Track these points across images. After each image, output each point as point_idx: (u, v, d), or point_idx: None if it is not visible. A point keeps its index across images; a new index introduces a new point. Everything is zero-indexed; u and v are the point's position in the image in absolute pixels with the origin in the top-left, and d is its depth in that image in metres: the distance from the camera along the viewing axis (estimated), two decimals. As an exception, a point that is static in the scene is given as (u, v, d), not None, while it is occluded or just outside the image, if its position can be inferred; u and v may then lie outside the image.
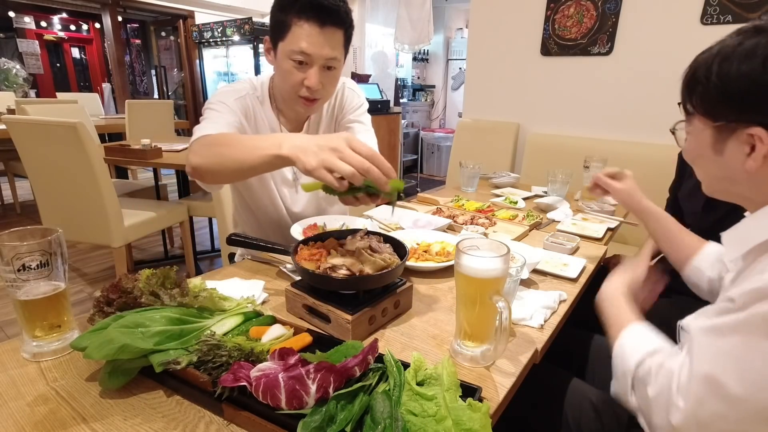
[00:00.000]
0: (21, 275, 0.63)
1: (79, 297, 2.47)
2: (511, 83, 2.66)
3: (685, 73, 0.69)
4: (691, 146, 0.73)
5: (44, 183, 2.07)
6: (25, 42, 7.87)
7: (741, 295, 0.56)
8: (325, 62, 1.03)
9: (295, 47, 1.00)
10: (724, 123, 0.64)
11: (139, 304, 0.69)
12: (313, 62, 1.02)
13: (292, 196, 1.27)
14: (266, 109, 1.17)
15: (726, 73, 0.62)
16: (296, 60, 1.02)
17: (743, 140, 0.62)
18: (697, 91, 0.67)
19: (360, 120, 1.28)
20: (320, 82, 1.04)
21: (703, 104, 0.67)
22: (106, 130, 3.98)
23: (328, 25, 0.99)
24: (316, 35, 0.99)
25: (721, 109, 0.65)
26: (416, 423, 0.50)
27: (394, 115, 4.54)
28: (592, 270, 1.08)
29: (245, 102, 1.13)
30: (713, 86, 0.64)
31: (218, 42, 6.72)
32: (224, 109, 1.07)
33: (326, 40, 1.00)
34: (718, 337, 0.56)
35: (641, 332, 0.71)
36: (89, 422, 0.54)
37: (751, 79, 0.59)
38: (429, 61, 7.03)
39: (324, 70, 1.05)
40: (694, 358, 0.57)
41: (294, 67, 1.03)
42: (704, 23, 2.02)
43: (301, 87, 1.05)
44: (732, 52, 0.61)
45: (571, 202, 1.68)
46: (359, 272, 0.74)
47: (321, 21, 0.98)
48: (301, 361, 0.54)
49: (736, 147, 0.64)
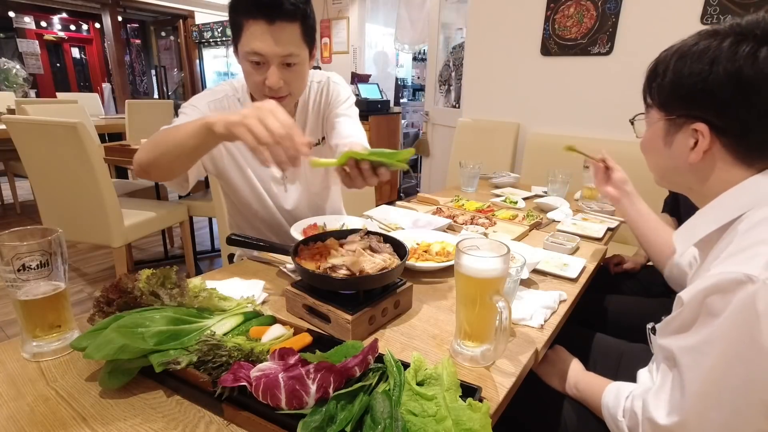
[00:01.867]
0: (21, 275, 0.63)
1: (79, 297, 2.47)
2: (511, 83, 2.66)
3: (649, 66, 0.73)
4: (646, 137, 0.78)
5: (44, 183, 2.07)
6: (25, 42, 7.87)
7: (690, 298, 0.59)
8: (282, 60, 0.99)
9: (248, 48, 0.97)
10: (675, 117, 0.69)
11: (139, 304, 0.69)
12: (269, 61, 0.99)
13: (281, 194, 1.26)
14: None
15: (680, 70, 0.66)
16: (253, 61, 0.99)
17: (689, 134, 0.68)
18: (655, 85, 0.72)
19: (347, 113, 1.24)
20: (281, 80, 1.01)
21: (659, 97, 0.72)
22: (106, 130, 3.98)
23: (277, 21, 0.95)
24: (266, 33, 0.95)
25: (672, 104, 0.70)
26: (416, 423, 0.50)
27: (394, 115, 4.54)
28: (592, 270, 1.08)
29: (222, 104, 1.11)
30: (668, 81, 0.69)
31: (218, 42, 6.72)
32: (193, 113, 1.05)
33: (279, 36, 0.96)
34: (701, 356, 0.58)
35: (612, 391, 0.77)
36: (89, 422, 0.54)
37: (700, 78, 0.64)
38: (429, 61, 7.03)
39: (284, 67, 1.01)
40: (685, 380, 0.59)
41: (252, 68, 1.01)
42: (704, 23, 2.02)
43: (263, 87, 1.02)
44: (687, 51, 0.66)
45: (571, 202, 1.68)
46: (359, 272, 0.74)
47: (269, 18, 0.94)
48: (301, 361, 0.54)
49: (682, 140, 0.69)
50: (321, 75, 1.23)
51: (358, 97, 4.06)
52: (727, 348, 0.55)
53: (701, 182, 0.70)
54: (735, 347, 0.55)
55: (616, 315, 1.28)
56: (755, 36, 0.61)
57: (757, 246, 0.56)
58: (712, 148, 0.67)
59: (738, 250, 0.58)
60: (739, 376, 0.55)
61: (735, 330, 0.55)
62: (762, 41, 0.60)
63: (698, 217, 0.71)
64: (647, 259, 1.55)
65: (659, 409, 0.62)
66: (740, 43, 0.61)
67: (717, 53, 0.62)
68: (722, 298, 0.55)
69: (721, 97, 0.63)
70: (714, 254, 0.65)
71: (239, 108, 1.15)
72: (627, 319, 1.26)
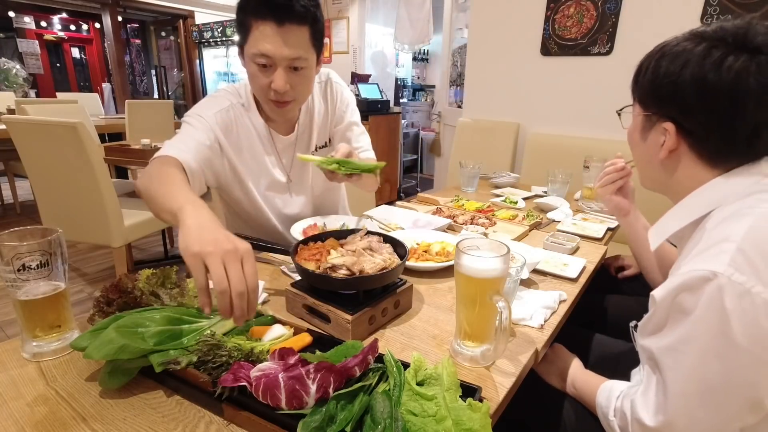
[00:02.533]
0: (21, 275, 0.63)
1: (79, 297, 2.47)
2: (511, 83, 2.65)
3: (639, 61, 0.76)
4: (629, 129, 0.82)
5: (44, 183, 2.07)
6: (25, 42, 7.87)
7: (662, 297, 0.60)
8: (289, 63, 0.98)
9: (255, 50, 0.96)
10: (650, 113, 0.72)
11: (139, 304, 0.69)
12: (276, 64, 0.97)
13: (285, 200, 1.24)
14: (253, 115, 1.13)
15: (657, 68, 0.68)
16: (259, 63, 0.97)
17: (660, 132, 0.70)
18: (638, 80, 0.74)
19: (356, 121, 1.27)
20: (287, 83, 0.99)
21: (639, 93, 0.75)
22: (106, 130, 3.98)
23: (287, 23, 0.94)
24: (274, 35, 0.94)
25: (649, 100, 0.72)
26: (416, 423, 0.50)
27: (394, 115, 4.54)
28: (592, 270, 1.08)
29: (227, 115, 1.09)
30: (647, 79, 0.71)
31: (218, 42, 6.73)
32: (200, 125, 1.04)
33: (288, 39, 0.95)
34: (680, 355, 0.59)
35: (605, 390, 0.77)
36: (89, 422, 0.54)
37: (671, 79, 0.66)
38: (429, 61, 7.03)
39: (290, 71, 0.99)
40: (667, 380, 0.60)
41: (259, 71, 0.99)
42: (704, 23, 2.02)
43: (269, 90, 1.01)
44: (668, 51, 0.68)
45: (571, 202, 1.68)
46: (359, 272, 0.74)
47: (278, 20, 0.93)
48: (301, 361, 0.54)
49: (654, 137, 0.72)
50: (320, 73, 1.22)
51: (358, 97, 4.06)
52: (702, 346, 0.56)
53: (669, 179, 0.73)
54: (710, 345, 0.55)
55: (616, 315, 1.28)
56: (727, 43, 0.62)
57: (721, 243, 0.57)
58: (678, 147, 0.69)
59: (705, 248, 0.59)
60: (719, 372, 0.55)
61: (707, 328, 0.55)
62: (731, 49, 0.61)
63: (669, 214, 0.74)
64: None
65: (646, 409, 0.63)
66: (712, 49, 0.62)
67: (689, 56, 0.64)
68: (691, 296, 0.56)
69: (686, 100, 0.65)
70: (685, 253, 0.67)
71: (246, 120, 1.12)
72: (627, 319, 1.25)
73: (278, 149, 1.19)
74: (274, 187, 1.22)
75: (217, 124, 1.06)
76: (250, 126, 1.13)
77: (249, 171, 1.15)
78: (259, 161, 1.16)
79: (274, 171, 1.20)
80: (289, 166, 1.22)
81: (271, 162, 1.19)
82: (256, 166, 1.16)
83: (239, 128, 1.12)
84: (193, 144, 1.00)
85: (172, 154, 0.94)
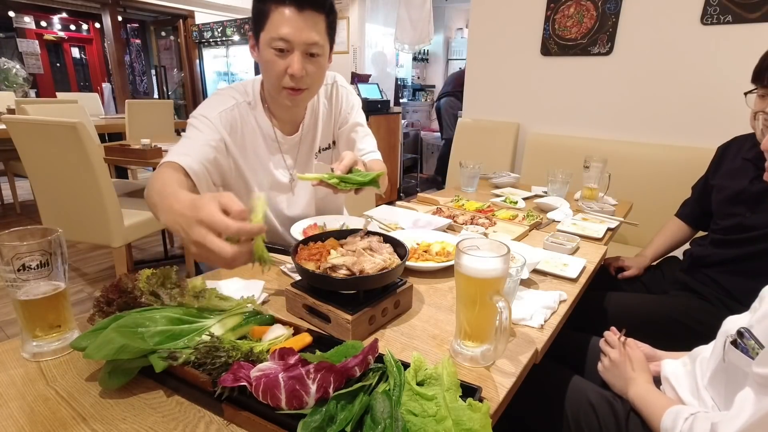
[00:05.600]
0: (21, 275, 0.63)
1: (79, 297, 2.47)
2: (511, 83, 2.66)
3: None
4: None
5: (44, 183, 2.07)
6: (25, 42, 7.87)
7: None
8: (307, 48, 1.00)
9: (275, 34, 0.98)
10: None
11: (139, 304, 0.69)
12: (294, 48, 0.99)
13: (289, 200, 1.24)
14: (259, 114, 1.14)
15: None
16: (277, 48, 0.99)
17: None
18: None
19: (360, 122, 1.27)
20: (304, 68, 1.01)
21: None
22: (106, 130, 3.98)
23: (306, 9, 0.97)
24: (294, 19, 0.97)
25: None
26: (416, 423, 0.50)
27: (394, 115, 4.54)
28: (592, 270, 1.08)
29: (233, 114, 1.09)
30: None
31: (218, 42, 6.73)
32: (205, 127, 1.04)
33: (306, 24, 0.98)
34: None
35: (671, 414, 0.72)
36: (89, 422, 0.54)
37: None
38: (429, 61, 7.04)
39: (307, 57, 1.02)
40: None
41: (276, 56, 1.00)
42: (704, 23, 2.02)
43: (284, 76, 1.02)
44: None
45: (571, 202, 1.68)
46: (359, 272, 0.74)
47: (299, 5, 0.97)
48: (301, 361, 0.54)
49: None
50: (327, 75, 1.23)
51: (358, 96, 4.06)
52: None
53: None
54: None
55: (616, 314, 1.28)
56: None
57: None
58: None
59: None
60: None
61: None
62: None
63: None
64: (651, 260, 1.55)
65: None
66: None
67: None
68: None
69: None
70: None
71: (251, 118, 1.13)
72: (627, 317, 1.26)
73: (282, 149, 1.19)
74: (277, 187, 1.21)
75: (222, 124, 1.07)
76: (254, 125, 1.14)
77: (252, 170, 1.16)
78: (262, 160, 1.17)
79: (278, 171, 1.20)
80: (293, 167, 1.22)
81: (274, 162, 1.19)
82: (259, 165, 1.16)
83: (244, 127, 1.12)
84: (198, 147, 1.01)
85: (175, 160, 0.95)
